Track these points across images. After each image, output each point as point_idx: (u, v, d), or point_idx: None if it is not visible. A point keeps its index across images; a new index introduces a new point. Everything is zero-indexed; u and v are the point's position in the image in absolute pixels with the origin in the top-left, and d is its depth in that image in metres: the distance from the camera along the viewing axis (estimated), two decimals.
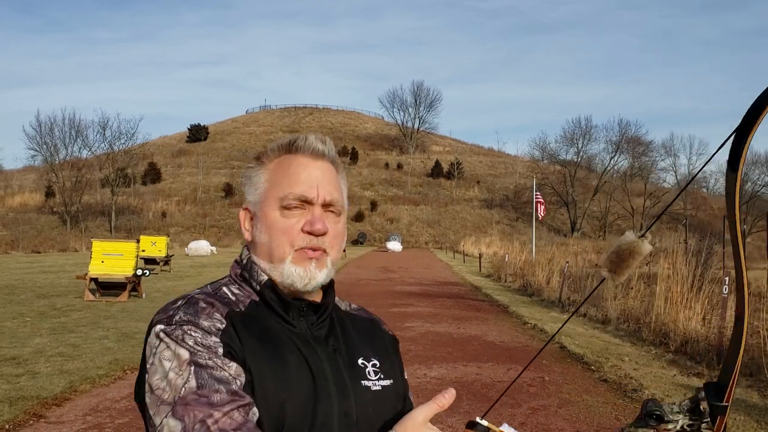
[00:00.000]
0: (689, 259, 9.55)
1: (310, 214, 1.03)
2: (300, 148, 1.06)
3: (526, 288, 17.24)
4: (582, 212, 71.59)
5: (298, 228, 1.02)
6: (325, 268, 1.04)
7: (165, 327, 0.94)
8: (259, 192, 1.07)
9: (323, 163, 1.07)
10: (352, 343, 1.09)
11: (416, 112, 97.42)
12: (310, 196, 1.03)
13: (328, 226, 1.04)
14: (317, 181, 1.04)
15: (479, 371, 7.07)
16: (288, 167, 1.05)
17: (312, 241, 1.02)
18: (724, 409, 0.95)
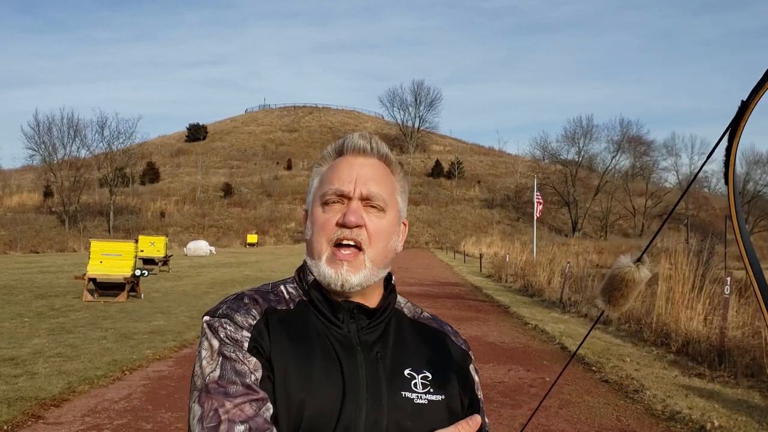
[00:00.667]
0: (691, 259, 9.52)
1: (346, 208, 1.03)
2: (346, 149, 1.09)
3: (527, 288, 17.20)
4: (583, 212, 71.55)
5: (334, 221, 1.03)
6: (362, 269, 1.02)
7: (209, 319, 1.01)
8: (311, 193, 1.11)
9: (369, 159, 1.08)
10: (404, 352, 1.06)
11: (416, 111, 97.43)
12: (346, 190, 1.03)
13: (367, 220, 1.03)
14: (357, 176, 1.05)
15: (479, 372, 7.03)
16: (335, 167, 1.08)
17: (344, 233, 1.01)
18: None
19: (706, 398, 5.96)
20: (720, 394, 6.18)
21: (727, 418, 5.31)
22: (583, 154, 75.31)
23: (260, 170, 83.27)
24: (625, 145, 75.03)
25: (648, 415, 5.46)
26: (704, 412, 5.43)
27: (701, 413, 5.40)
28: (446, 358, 1.12)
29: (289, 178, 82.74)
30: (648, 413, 5.53)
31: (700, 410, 5.51)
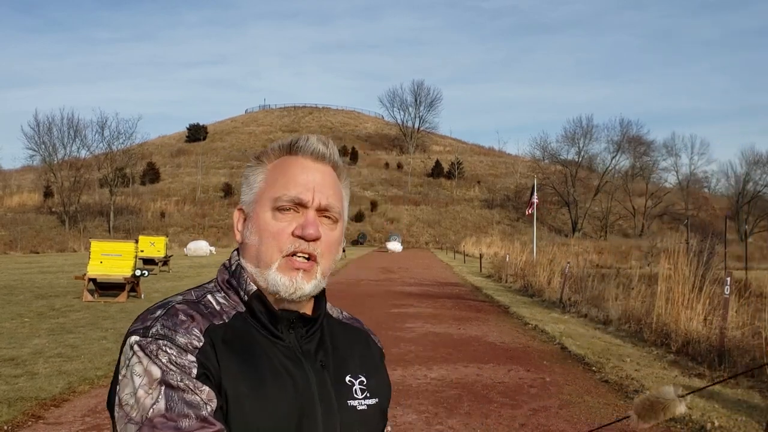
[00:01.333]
0: (691, 259, 9.52)
1: (302, 218, 0.97)
2: (301, 149, 1.02)
3: (526, 288, 17.21)
4: (583, 212, 71.55)
5: (289, 231, 0.97)
6: (314, 279, 0.98)
7: (140, 339, 0.89)
8: (254, 192, 1.02)
9: (323, 166, 1.03)
10: (341, 359, 1.05)
11: (416, 111, 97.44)
12: (305, 198, 0.97)
13: (322, 233, 0.98)
14: (314, 184, 0.99)
15: (480, 372, 7.03)
16: (286, 168, 1.01)
17: (302, 246, 0.96)
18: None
19: (706, 398, 5.97)
20: (720, 394, 6.18)
21: (727, 418, 5.32)
22: (583, 155, 75.36)
23: None
24: (625, 145, 75.04)
25: None
26: (704, 413, 5.44)
27: (701, 413, 5.40)
28: (372, 358, 1.13)
29: None
30: None
31: (700, 410, 5.51)
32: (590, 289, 13.22)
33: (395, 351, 8.11)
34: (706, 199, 77.47)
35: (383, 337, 9.23)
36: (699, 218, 65.48)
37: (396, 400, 5.70)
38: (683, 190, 76.40)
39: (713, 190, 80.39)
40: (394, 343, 8.65)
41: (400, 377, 6.66)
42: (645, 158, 76.96)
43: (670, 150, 78.63)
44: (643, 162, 76.66)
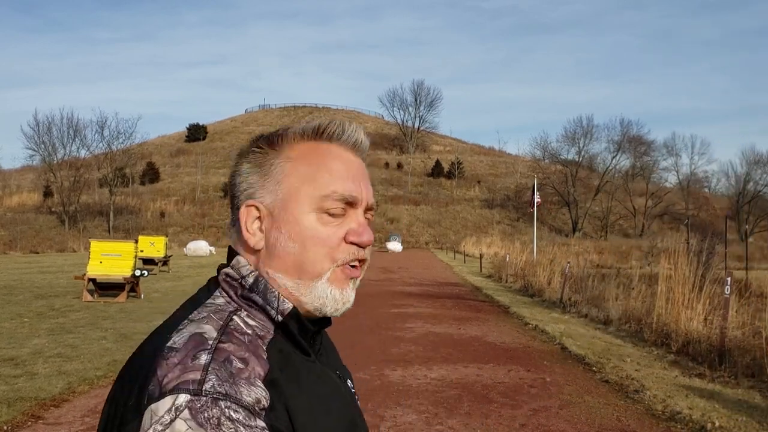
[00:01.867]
0: (691, 259, 9.51)
1: (353, 221, 0.84)
2: (336, 137, 0.86)
3: (527, 288, 17.20)
4: (583, 212, 71.54)
5: (341, 237, 0.83)
6: (356, 286, 0.87)
7: (192, 400, 0.66)
8: (282, 187, 0.83)
9: (359, 158, 0.89)
10: (337, 363, 0.96)
11: (416, 111, 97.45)
12: (359, 198, 0.84)
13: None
14: (361, 180, 0.86)
15: (480, 372, 7.03)
16: (325, 160, 0.84)
17: (360, 254, 0.84)
18: None
19: (707, 398, 5.96)
20: (720, 394, 6.18)
21: (727, 418, 5.31)
22: (583, 154, 75.35)
23: None
24: (625, 145, 75.03)
25: (648, 416, 5.46)
26: (705, 413, 5.43)
27: (702, 413, 5.40)
28: (335, 349, 1.04)
29: None
30: (648, 413, 5.53)
31: (701, 410, 5.50)
32: (590, 289, 13.21)
33: (395, 351, 8.10)
34: (707, 199, 77.49)
35: (383, 337, 9.24)
36: (699, 218, 65.49)
37: (396, 400, 5.70)
38: (684, 190, 76.41)
39: (714, 190, 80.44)
40: (394, 343, 8.64)
41: (400, 377, 6.65)
42: (645, 158, 76.97)
43: (671, 150, 78.66)
44: (643, 162, 76.66)
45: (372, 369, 7.00)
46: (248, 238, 0.84)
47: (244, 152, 0.88)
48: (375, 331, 9.71)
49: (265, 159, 0.85)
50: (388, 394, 5.93)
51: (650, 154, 77.22)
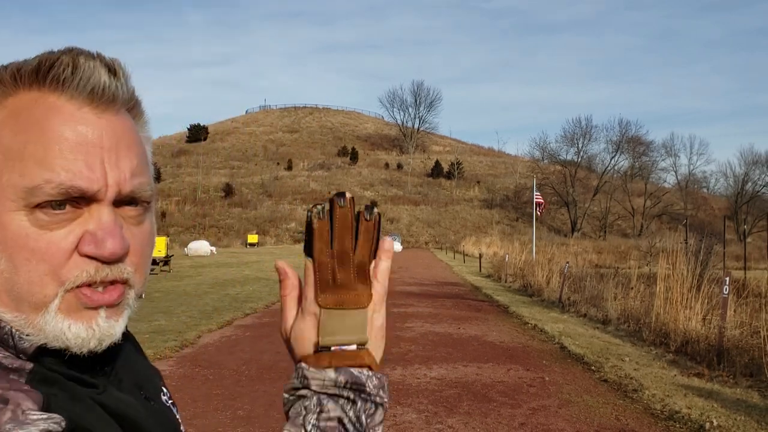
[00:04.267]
0: (689, 258, 9.55)
1: (92, 221, 0.56)
2: (64, 82, 0.55)
3: (526, 288, 17.22)
4: (582, 212, 71.59)
5: (69, 247, 0.55)
6: (126, 310, 0.59)
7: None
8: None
9: (113, 115, 0.58)
10: (147, 378, 0.72)
11: (416, 112, 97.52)
12: (92, 187, 0.55)
13: (129, 238, 0.58)
14: (102, 153, 0.56)
15: (479, 372, 7.06)
16: (39, 123, 0.55)
17: (101, 274, 0.56)
18: None
19: (705, 398, 5.99)
20: (719, 393, 6.21)
21: (726, 417, 5.34)
22: (582, 155, 75.45)
23: (261, 171, 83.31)
24: (624, 145, 75.16)
25: (647, 415, 5.49)
26: (703, 412, 5.46)
27: (700, 413, 5.43)
28: (144, 358, 0.78)
29: (289, 178, 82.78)
30: (647, 413, 5.56)
31: (699, 410, 5.53)
32: (589, 289, 13.24)
33: (395, 350, 8.13)
34: (705, 199, 77.54)
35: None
36: (698, 218, 65.53)
37: (396, 400, 5.72)
38: (682, 190, 76.47)
39: (712, 190, 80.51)
40: (394, 343, 8.67)
41: (400, 376, 6.68)
42: (644, 158, 77.11)
43: (669, 150, 78.78)
44: (642, 162, 76.78)
45: None
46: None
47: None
48: None
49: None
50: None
51: (649, 155, 77.41)
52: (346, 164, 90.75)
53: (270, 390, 5.90)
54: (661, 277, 9.58)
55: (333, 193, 0.63)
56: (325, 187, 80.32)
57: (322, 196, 77.03)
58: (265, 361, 7.30)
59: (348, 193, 0.63)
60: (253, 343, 8.49)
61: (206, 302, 12.75)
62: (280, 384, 5.40)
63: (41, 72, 0.55)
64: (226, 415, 5.15)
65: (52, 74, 0.55)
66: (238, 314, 10.97)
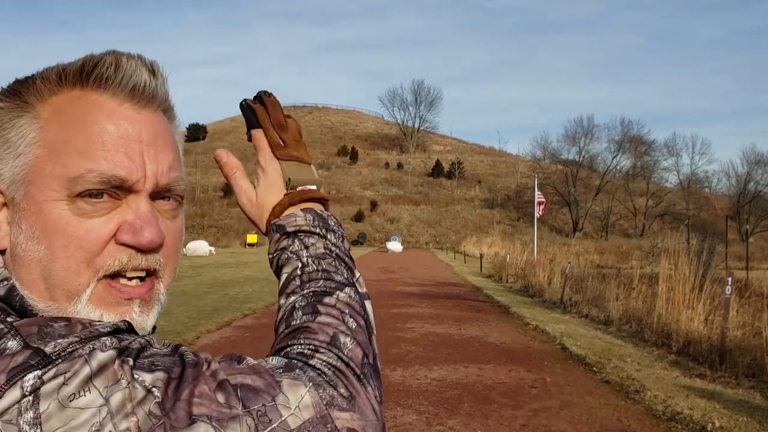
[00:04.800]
0: (691, 259, 9.51)
1: (130, 211, 0.59)
2: (106, 81, 0.60)
3: (527, 289, 17.19)
4: (584, 212, 71.58)
5: (107, 235, 0.58)
6: (157, 304, 0.63)
7: (40, 376, 0.47)
8: (24, 161, 0.59)
9: (152, 113, 0.62)
10: None
11: (416, 111, 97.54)
12: (132, 177, 0.58)
13: (163, 229, 0.61)
14: (141, 147, 0.60)
15: (480, 372, 7.02)
16: (83, 118, 0.59)
17: (135, 262, 0.59)
18: None
19: (707, 399, 5.95)
20: (721, 394, 6.17)
21: (728, 418, 5.30)
22: (584, 154, 75.48)
23: None
24: (626, 145, 75.15)
25: (649, 416, 5.45)
26: (705, 413, 5.42)
27: (702, 414, 5.39)
28: None
29: None
30: (649, 414, 5.52)
31: (701, 411, 5.50)
32: (591, 290, 13.20)
33: (395, 351, 8.09)
34: (707, 199, 77.49)
35: (383, 337, 9.23)
36: (700, 218, 65.48)
37: (396, 401, 5.69)
38: (684, 189, 76.43)
39: (714, 190, 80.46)
40: (394, 344, 8.64)
41: (401, 378, 6.64)
42: (646, 158, 77.14)
43: (671, 150, 78.75)
44: (644, 162, 76.78)
45: None
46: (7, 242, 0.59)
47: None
48: (375, 331, 9.70)
49: (5, 118, 0.60)
50: (389, 395, 5.92)
51: (651, 154, 77.44)
52: (346, 164, 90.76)
53: None
54: (663, 278, 9.54)
55: (260, 90, 0.80)
56: (325, 187, 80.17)
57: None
58: None
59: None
60: (252, 343, 8.45)
61: (205, 303, 12.72)
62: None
63: (85, 71, 0.60)
64: None
65: (96, 73, 0.59)
66: (237, 315, 10.94)
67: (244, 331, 9.51)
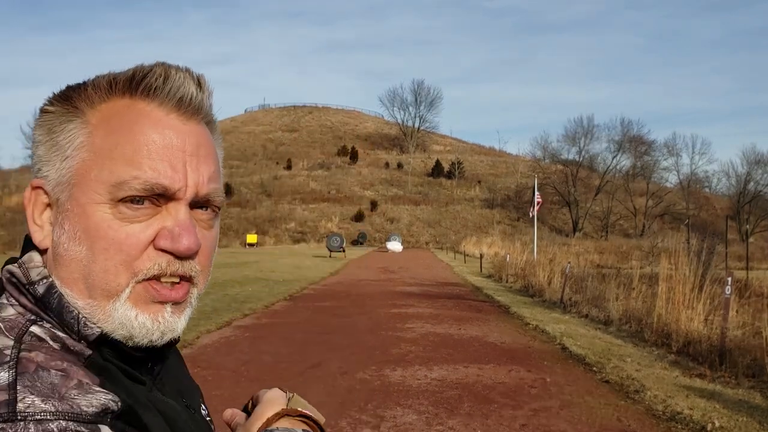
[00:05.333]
0: (691, 259, 9.50)
1: (170, 218, 0.61)
2: (155, 91, 0.62)
3: (527, 289, 17.18)
4: (584, 212, 71.56)
5: (146, 240, 0.60)
6: (188, 308, 0.65)
7: (4, 429, 0.50)
8: (70, 164, 0.61)
9: (196, 125, 0.64)
10: (188, 390, 0.77)
11: (416, 111, 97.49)
12: (174, 186, 0.61)
13: (200, 239, 0.63)
14: (185, 158, 0.62)
15: (480, 373, 7.02)
16: (130, 126, 0.61)
17: (172, 268, 0.61)
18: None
19: (707, 398, 5.95)
20: (721, 394, 6.17)
21: (728, 418, 5.30)
22: (583, 154, 75.42)
23: (260, 170, 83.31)
24: (626, 144, 75.10)
25: (649, 416, 5.45)
26: (705, 413, 5.42)
27: (702, 414, 5.39)
28: (187, 371, 0.83)
29: (288, 178, 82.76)
30: (649, 414, 5.52)
31: (701, 410, 5.50)
32: (591, 289, 13.20)
33: (395, 351, 8.09)
34: (707, 199, 77.47)
35: (383, 337, 9.23)
36: (700, 218, 65.45)
37: (396, 401, 5.69)
38: (684, 189, 76.40)
39: (714, 190, 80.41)
40: (394, 344, 8.63)
41: (401, 377, 6.64)
42: (646, 158, 77.05)
43: (671, 150, 78.63)
44: (644, 162, 76.72)
45: (372, 369, 6.99)
46: (34, 232, 0.63)
47: (42, 111, 0.65)
48: (375, 332, 9.70)
49: (56, 122, 0.63)
50: (389, 395, 5.92)
51: (651, 154, 77.36)
52: (346, 164, 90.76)
53: None
54: (663, 278, 9.54)
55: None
56: (325, 187, 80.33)
57: (322, 196, 77.04)
58: (264, 361, 7.26)
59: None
60: (252, 343, 8.45)
61: (205, 302, 12.71)
62: (280, 385, 5.36)
63: (135, 81, 0.62)
64: None
65: (145, 83, 0.61)
66: (237, 315, 10.94)
67: (244, 331, 9.51)
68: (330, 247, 35.89)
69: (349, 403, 5.54)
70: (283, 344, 8.43)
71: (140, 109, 0.62)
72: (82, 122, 0.62)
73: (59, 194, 0.61)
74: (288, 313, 11.66)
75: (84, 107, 0.62)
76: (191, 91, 0.63)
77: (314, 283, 18.25)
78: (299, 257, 34.33)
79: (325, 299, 14.25)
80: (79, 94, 0.63)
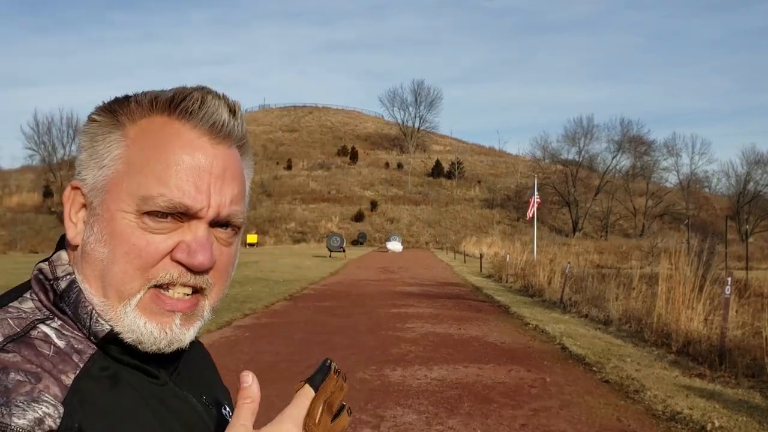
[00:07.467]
0: (691, 259, 9.51)
1: (189, 234, 0.65)
2: (191, 114, 0.66)
3: (527, 289, 17.19)
4: (584, 212, 71.56)
5: (164, 250, 0.64)
6: (199, 320, 0.68)
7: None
8: (105, 171, 0.66)
9: (226, 148, 0.68)
10: (210, 387, 0.80)
11: (416, 111, 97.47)
12: (196, 206, 0.64)
13: (216, 255, 0.67)
14: (211, 180, 0.65)
15: (480, 372, 7.02)
16: (164, 145, 0.65)
17: (184, 279, 0.65)
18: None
19: (707, 398, 5.96)
20: (721, 394, 6.17)
21: (727, 418, 5.31)
22: (583, 154, 75.39)
23: (260, 170, 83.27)
24: (625, 145, 75.07)
25: (649, 416, 5.46)
26: (705, 413, 5.43)
27: (702, 413, 5.39)
28: (215, 370, 0.87)
29: (289, 178, 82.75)
30: (649, 413, 5.52)
31: (701, 410, 5.50)
32: (591, 289, 13.20)
33: (395, 351, 8.10)
34: (707, 199, 77.47)
35: (383, 337, 9.23)
36: (700, 218, 65.48)
37: (396, 401, 5.69)
38: (684, 189, 76.38)
39: (714, 190, 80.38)
40: (394, 343, 8.64)
41: (401, 377, 6.65)
42: (646, 158, 77.00)
43: (671, 150, 78.59)
44: (643, 162, 76.68)
45: (372, 369, 6.99)
46: (68, 228, 0.68)
47: (89, 121, 0.70)
48: (375, 331, 9.71)
49: (99, 132, 0.67)
50: (389, 394, 5.92)
51: (650, 154, 77.30)
52: (346, 164, 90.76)
53: (269, 391, 5.85)
54: (663, 278, 9.55)
55: (338, 369, 0.72)
56: (325, 187, 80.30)
57: (322, 196, 77.02)
58: (264, 361, 7.27)
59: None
60: (252, 343, 8.46)
61: None
62: (280, 385, 5.36)
63: (174, 102, 0.66)
64: None
65: (183, 105, 0.65)
66: (237, 315, 10.94)
67: (244, 331, 9.52)
68: (330, 247, 35.91)
69: (349, 403, 5.54)
70: (283, 344, 8.44)
71: (175, 129, 0.66)
72: (122, 135, 0.66)
73: (93, 198, 0.66)
74: (288, 313, 11.67)
75: (125, 121, 0.67)
76: (224, 118, 0.67)
77: (314, 283, 18.25)
78: (299, 257, 34.33)
79: (325, 299, 14.25)
80: (123, 109, 0.67)
